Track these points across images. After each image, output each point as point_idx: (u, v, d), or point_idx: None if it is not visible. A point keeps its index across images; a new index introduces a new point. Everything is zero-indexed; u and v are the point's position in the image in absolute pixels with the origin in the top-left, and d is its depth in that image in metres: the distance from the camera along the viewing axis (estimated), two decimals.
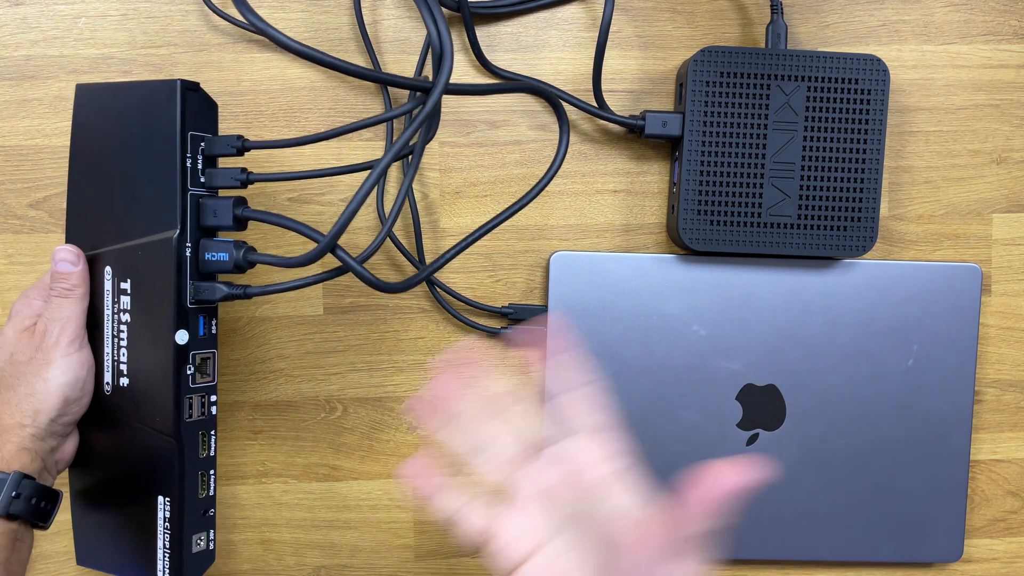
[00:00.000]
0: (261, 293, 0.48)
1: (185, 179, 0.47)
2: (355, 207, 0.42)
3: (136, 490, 0.50)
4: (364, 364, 0.61)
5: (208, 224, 0.48)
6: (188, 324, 0.48)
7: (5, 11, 0.59)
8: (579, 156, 0.61)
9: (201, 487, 0.50)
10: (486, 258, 0.61)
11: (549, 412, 0.43)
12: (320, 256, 0.44)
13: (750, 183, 0.58)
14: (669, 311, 0.60)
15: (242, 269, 0.48)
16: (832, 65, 0.57)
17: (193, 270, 0.47)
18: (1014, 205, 0.63)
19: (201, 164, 0.47)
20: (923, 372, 0.60)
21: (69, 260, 0.49)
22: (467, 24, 0.58)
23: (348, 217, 0.42)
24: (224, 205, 0.47)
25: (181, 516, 0.49)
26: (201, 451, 0.49)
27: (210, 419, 0.50)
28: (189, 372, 0.48)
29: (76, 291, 0.49)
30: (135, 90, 0.49)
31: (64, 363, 0.48)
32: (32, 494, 0.47)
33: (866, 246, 0.58)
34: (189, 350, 0.48)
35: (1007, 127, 0.62)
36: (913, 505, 0.61)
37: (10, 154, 0.59)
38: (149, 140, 0.48)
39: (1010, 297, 0.63)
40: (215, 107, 0.49)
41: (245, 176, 0.48)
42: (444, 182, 0.61)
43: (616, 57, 0.61)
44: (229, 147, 0.48)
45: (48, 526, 0.49)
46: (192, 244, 0.47)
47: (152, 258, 0.48)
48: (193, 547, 0.50)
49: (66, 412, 0.49)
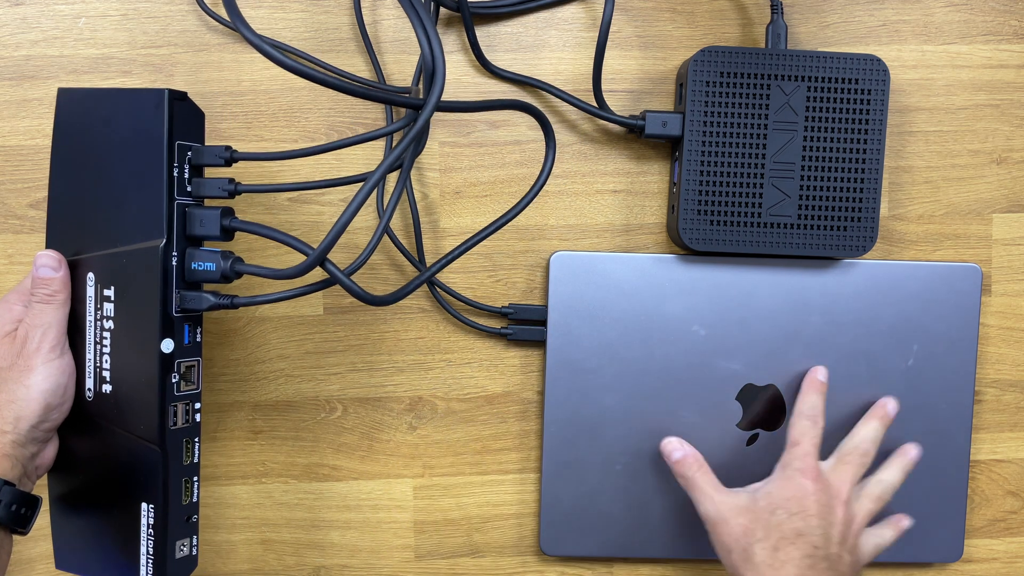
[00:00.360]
0: (249, 304, 0.48)
1: (172, 188, 0.47)
2: (346, 220, 0.42)
3: (118, 496, 0.50)
4: (364, 364, 0.61)
5: (195, 234, 0.47)
6: (173, 333, 0.48)
7: (5, 11, 0.59)
8: (579, 156, 0.61)
9: (185, 494, 0.50)
10: (486, 258, 0.61)
11: None
12: (309, 270, 0.44)
13: (750, 183, 0.58)
14: (669, 311, 0.60)
15: (229, 279, 0.48)
16: (832, 65, 0.57)
17: (179, 279, 0.47)
18: (1014, 205, 0.63)
19: (188, 173, 0.47)
20: (923, 372, 0.60)
21: (51, 266, 0.49)
22: (467, 24, 0.58)
23: (339, 231, 0.42)
24: (211, 216, 0.47)
25: (165, 523, 0.49)
26: (185, 458, 0.49)
27: (194, 426, 0.50)
28: (174, 380, 0.48)
29: (58, 296, 0.49)
30: (121, 97, 0.49)
31: (45, 369, 0.48)
32: (12, 500, 0.47)
33: (866, 246, 0.58)
34: (174, 359, 0.48)
35: (1007, 127, 0.62)
36: (913, 505, 0.61)
37: (10, 154, 0.59)
38: (135, 148, 0.47)
39: (1010, 297, 0.63)
40: (202, 116, 0.49)
41: (233, 187, 0.48)
42: (444, 182, 0.61)
43: (616, 57, 0.61)
44: (217, 158, 0.47)
45: (27, 532, 0.49)
46: (178, 253, 0.47)
47: (137, 266, 0.47)
48: (176, 553, 0.50)
49: (47, 418, 0.49)
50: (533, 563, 0.63)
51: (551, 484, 0.60)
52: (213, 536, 0.61)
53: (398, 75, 0.60)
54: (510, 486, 0.62)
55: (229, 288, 0.51)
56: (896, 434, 0.60)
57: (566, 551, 0.61)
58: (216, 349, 0.61)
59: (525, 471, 0.62)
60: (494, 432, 0.62)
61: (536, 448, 0.62)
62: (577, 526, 0.60)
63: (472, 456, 0.62)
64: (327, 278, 0.46)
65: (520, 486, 0.62)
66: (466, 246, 0.52)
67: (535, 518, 0.62)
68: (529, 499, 0.62)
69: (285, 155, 0.47)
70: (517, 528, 0.62)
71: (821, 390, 0.58)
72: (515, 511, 0.62)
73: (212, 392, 0.61)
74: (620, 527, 0.60)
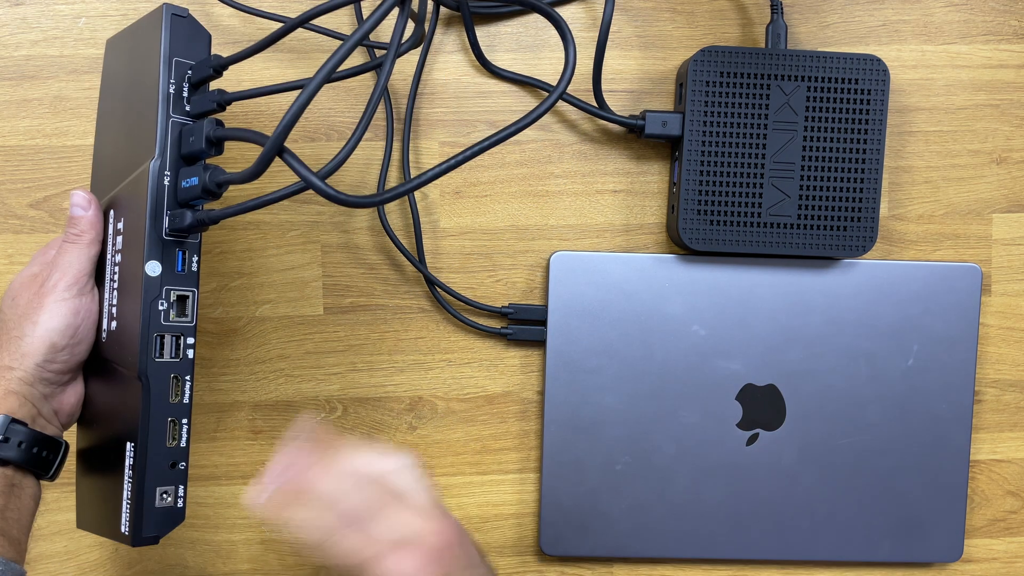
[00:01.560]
0: (224, 216, 0.45)
1: (168, 105, 0.45)
2: (309, 95, 0.37)
3: (117, 442, 0.47)
4: (364, 364, 0.61)
5: (188, 151, 0.45)
6: (162, 256, 0.45)
7: (5, 11, 0.59)
8: (579, 156, 0.61)
9: (171, 436, 0.46)
10: (486, 258, 0.61)
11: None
12: (266, 160, 0.39)
13: (750, 183, 0.58)
14: (669, 311, 0.60)
15: (212, 193, 0.45)
16: (832, 65, 0.57)
17: (172, 200, 0.45)
18: (1014, 205, 0.63)
19: (187, 92, 0.45)
20: (923, 372, 0.60)
21: (80, 205, 0.48)
22: (467, 24, 0.58)
23: (296, 111, 0.37)
24: (198, 128, 0.45)
25: (144, 463, 0.45)
26: (173, 396, 0.46)
27: (185, 362, 0.47)
28: (161, 308, 0.45)
29: (84, 237, 0.48)
30: (138, 27, 0.48)
31: (56, 308, 0.47)
32: (24, 440, 0.45)
33: (866, 246, 0.58)
34: (162, 284, 0.45)
35: (1007, 127, 0.62)
36: (913, 505, 0.61)
37: (10, 154, 0.59)
38: (143, 73, 0.46)
39: (1010, 297, 0.63)
40: (207, 36, 0.47)
41: (221, 96, 0.45)
42: (444, 182, 0.61)
43: (616, 57, 0.61)
44: (206, 68, 0.45)
45: (52, 476, 0.47)
46: (172, 174, 0.45)
47: (137, 191, 0.45)
48: (157, 500, 0.46)
49: (53, 359, 0.47)
50: (533, 563, 0.63)
51: (551, 484, 0.60)
52: (213, 536, 0.61)
53: (398, 75, 0.60)
54: (510, 486, 0.62)
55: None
56: (896, 434, 0.60)
57: (566, 551, 0.61)
58: (216, 349, 0.61)
59: (525, 471, 0.62)
60: (494, 432, 0.62)
61: (536, 448, 0.62)
62: (577, 526, 0.60)
63: (472, 456, 0.62)
64: (299, 182, 0.41)
65: (520, 486, 0.62)
66: (472, 152, 0.42)
67: (535, 518, 0.62)
68: (529, 499, 0.62)
69: (277, 89, 0.47)
70: (517, 528, 0.62)
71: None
72: (515, 511, 0.62)
73: (212, 392, 0.61)
74: (620, 527, 0.60)
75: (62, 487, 0.60)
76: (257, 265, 0.60)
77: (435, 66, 0.61)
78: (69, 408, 0.50)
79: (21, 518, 0.46)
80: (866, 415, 0.60)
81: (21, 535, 0.46)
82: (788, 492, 0.60)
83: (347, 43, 0.37)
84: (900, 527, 0.61)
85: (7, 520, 0.45)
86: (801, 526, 0.61)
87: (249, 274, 0.60)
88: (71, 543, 0.61)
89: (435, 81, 0.61)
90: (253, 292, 0.60)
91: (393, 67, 0.40)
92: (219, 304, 0.60)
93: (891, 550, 0.61)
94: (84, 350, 0.48)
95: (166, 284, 0.45)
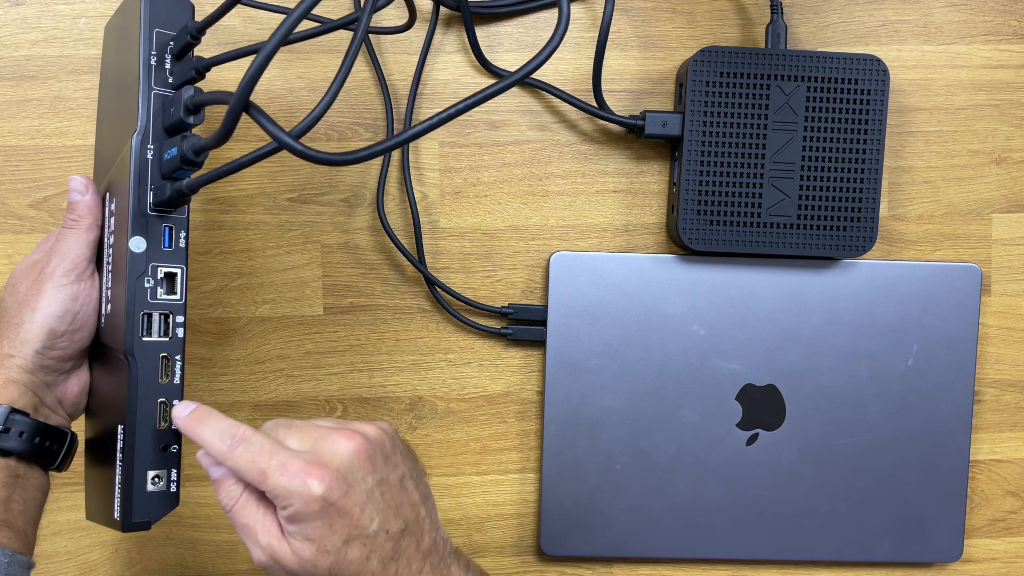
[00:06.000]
0: (201, 184, 0.43)
1: (150, 77, 0.44)
2: (278, 40, 0.35)
3: (114, 428, 0.46)
4: (364, 364, 0.61)
5: (170, 122, 0.44)
6: (147, 232, 0.44)
7: (5, 11, 0.59)
8: (579, 156, 0.61)
9: (162, 418, 0.45)
10: (486, 258, 0.61)
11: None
12: (233, 116, 0.37)
13: (750, 183, 0.58)
14: (669, 311, 0.60)
15: (191, 162, 0.43)
16: (832, 65, 0.57)
17: (156, 174, 0.44)
18: (1014, 205, 0.63)
19: (169, 63, 0.45)
20: (923, 372, 0.60)
21: (78, 190, 0.48)
22: (467, 24, 0.58)
23: (263, 60, 0.35)
24: (177, 96, 0.44)
25: (133, 445, 0.44)
26: (162, 377, 0.45)
27: (175, 342, 0.46)
28: (148, 285, 0.44)
29: (82, 222, 0.47)
30: (125, 4, 0.47)
31: (54, 294, 0.46)
32: (25, 430, 0.45)
33: (866, 246, 0.58)
34: (148, 260, 0.44)
35: (1007, 127, 0.62)
36: (913, 505, 0.61)
37: (10, 154, 0.59)
38: (129, 52, 0.45)
39: (1010, 297, 0.63)
40: (190, 6, 0.46)
41: (199, 63, 0.45)
42: (444, 182, 0.61)
43: (616, 57, 0.61)
44: (185, 35, 0.45)
45: (59, 467, 0.47)
46: (156, 146, 0.44)
47: (124, 168, 0.45)
48: (148, 485, 0.45)
49: (53, 345, 0.46)
50: (533, 563, 0.63)
51: (551, 484, 0.60)
52: (213, 536, 0.61)
53: (398, 75, 0.60)
54: (510, 486, 0.62)
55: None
56: (896, 434, 0.60)
57: (566, 551, 0.61)
58: (216, 349, 0.61)
59: (525, 471, 0.62)
60: (494, 432, 0.62)
61: (536, 448, 0.62)
62: (577, 526, 0.60)
63: (472, 456, 0.62)
64: (272, 143, 0.38)
65: (520, 486, 0.62)
66: (466, 104, 0.38)
67: (535, 518, 0.62)
68: (529, 499, 0.62)
69: (252, 49, 0.47)
70: (517, 528, 0.62)
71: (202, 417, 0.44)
72: (515, 511, 0.62)
73: (212, 392, 0.61)
74: (620, 527, 0.60)
75: (62, 487, 0.60)
76: (257, 265, 0.61)
77: (435, 66, 0.61)
78: (73, 397, 0.49)
79: (27, 509, 0.45)
80: (866, 415, 0.60)
81: (28, 526, 0.45)
82: (788, 492, 0.60)
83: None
84: (900, 527, 0.61)
85: (11, 511, 0.44)
86: (801, 526, 0.61)
87: (249, 274, 0.61)
88: (71, 543, 0.61)
89: (435, 81, 0.61)
90: (253, 292, 0.61)
91: (370, 20, 0.37)
92: (219, 304, 0.60)
93: (891, 550, 0.61)
94: (84, 336, 0.48)
95: (152, 260, 0.45)
